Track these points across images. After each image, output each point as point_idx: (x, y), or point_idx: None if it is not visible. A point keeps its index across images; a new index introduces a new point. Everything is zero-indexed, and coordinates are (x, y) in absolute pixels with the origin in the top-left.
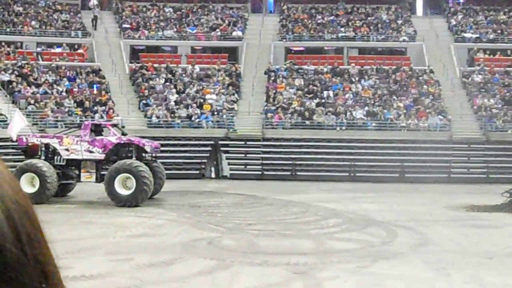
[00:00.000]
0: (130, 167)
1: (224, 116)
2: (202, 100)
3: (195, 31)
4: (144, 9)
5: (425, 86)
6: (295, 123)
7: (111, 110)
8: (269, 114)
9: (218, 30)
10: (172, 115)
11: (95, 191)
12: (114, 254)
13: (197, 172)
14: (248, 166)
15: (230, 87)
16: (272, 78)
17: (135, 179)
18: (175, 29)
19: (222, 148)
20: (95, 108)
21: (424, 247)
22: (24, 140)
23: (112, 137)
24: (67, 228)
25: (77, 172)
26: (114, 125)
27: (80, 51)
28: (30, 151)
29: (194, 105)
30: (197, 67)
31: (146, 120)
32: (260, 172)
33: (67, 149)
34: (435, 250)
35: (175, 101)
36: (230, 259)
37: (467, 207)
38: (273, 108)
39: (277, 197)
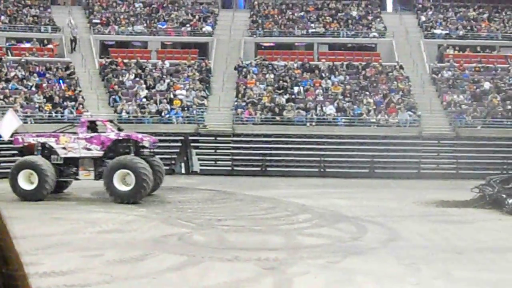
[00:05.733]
0: (129, 163)
1: (194, 111)
2: (172, 96)
3: (165, 26)
4: (114, 4)
5: (395, 82)
6: (265, 119)
7: (81, 106)
8: (239, 110)
9: (188, 25)
10: (142, 110)
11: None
12: (84, 250)
13: (167, 167)
14: (218, 162)
15: (200, 83)
16: (242, 73)
17: (135, 175)
18: (145, 25)
19: (192, 144)
20: (65, 103)
21: (394, 243)
22: (20, 139)
23: (109, 133)
24: (37, 224)
25: (75, 170)
26: (110, 121)
27: (50, 46)
28: (26, 151)
29: (164, 100)
30: (167, 63)
31: (116, 116)
32: (230, 168)
33: (64, 148)
34: (405, 246)
35: (145, 97)
36: (200, 254)
37: (436, 202)
38: (243, 103)
39: (247, 192)
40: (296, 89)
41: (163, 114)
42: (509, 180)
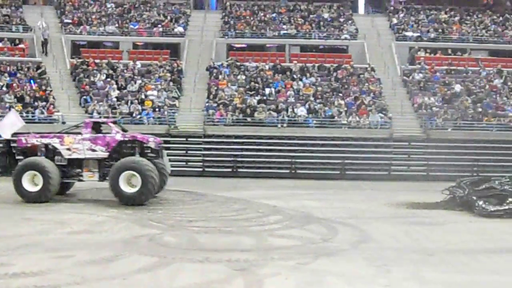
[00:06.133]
0: (136, 164)
1: (166, 112)
2: (143, 96)
3: (137, 27)
4: (86, 4)
5: (366, 84)
6: (237, 120)
7: (52, 106)
8: (211, 111)
9: (160, 26)
10: (113, 111)
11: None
12: (55, 251)
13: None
14: (189, 163)
15: (172, 84)
16: (214, 74)
17: (141, 177)
18: (117, 25)
19: (163, 145)
20: (36, 103)
21: (364, 244)
22: (24, 141)
23: (115, 134)
24: (8, 225)
25: (79, 171)
26: (114, 122)
27: (21, 46)
28: (29, 152)
29: (136, 101)
30: (138, 63)
31: (87, 116)
32: (201, 169)
33: (68, 149)
34: (375, 247)
35: (116, 97)
36: (171, 256)
37: (407, 204)
38: (215, 105)
39: (218, 193)
40: (267, 90)
41: (134, 114)
42: (479, 182)
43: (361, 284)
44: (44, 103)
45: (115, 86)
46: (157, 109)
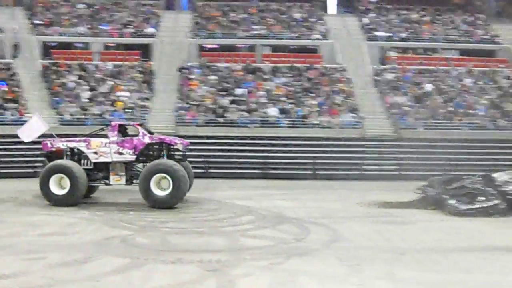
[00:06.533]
0: (168, 167)
1: (137, 113)
2: (114, 98)
3: (108, 27)
4: (57, 5)
5: (337, 84)
6: (208, 121)
7: (23, 108)
8: (182, 112)
9: (131, 27)
10: (85, 112)
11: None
12: (26, 253)
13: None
14: None
15: (143, 84)
16: (185, 75)
17: (173, 180)
18: (88, 26)
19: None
20: (6, 105)
21: (337, 244)
22: (49, 145)
23: (142, 137)
24: None
25: (105, 174)
26: (140, 124)
27: None
28: (54, 156)
29: (107, 102)
30: (109, 64)
31: (59, 118)
32: None
33: (95, 152)
34: (348, 247)
35: (87, 98)
36: (143, 257)
37: (379, 203)
38: (186, 105)
39: (189, 194)
40: (239, 91)
41: (105, 116)
42: (451, 181)
43: (334, 283)
44: (15, 105)
45: (86, 87)
46: (128, 110)
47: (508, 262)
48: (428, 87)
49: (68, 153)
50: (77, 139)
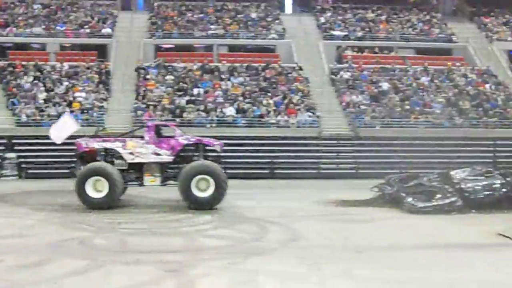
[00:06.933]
0: (209, 168)
1: (94, 114)
2: (71, 98)
3: (64, 28)
4: (12, 5)
5: (294, 83)
6: (165, 121)
7: None
8: (139, 112)
9: (87, 27)
10: (41, 113)
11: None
12: None
13: (67, 171)
14: None
15: (100, 85)
16: (142, 75)
17: (214, 180)
18: (43, 26)
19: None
20: None
21: (295, 243)
22: (84, 145)
23: (179, 137)
24: None
25: (139, 175)
26: (176, 125)
27: None
28: (87, 156)
29: (64, 103)
30: (66, 65)
31: (15, 119)
32: None
33: (131, 153)
34: (306, 245)
35: (44, 99)
36: (102, 258)
37: (337, 202)
38: (143, 105)
39: (148, 195)
40: (196, 90)
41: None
42: (408, 179)
43: (293, 282)
44: None
45: (42, 88)
46: (85, 111)
47: (464, 259)
48: (385, 85)
49: (102, 153)
50: (112, 139)
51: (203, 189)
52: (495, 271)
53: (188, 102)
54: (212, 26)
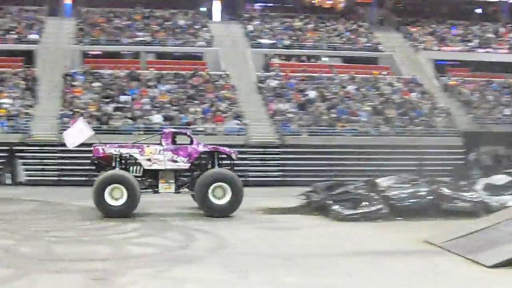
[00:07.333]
0: (226, 176)
1: (20, 120)
2: None
3: None
4: None
5: (221, 91)
6: (92, 128)
7: None
8: (66, 119)
9: (13, 33)
10: None
11: None
12: None
13: None
14: (44, 172)
15: (26, 91)
16: (69, 82)
17: (232, 188)
18: None
19: (17, 154)
20: None
21: (222, 250)
22: (101, 150)
23: (196, 145)
24: None
25: (153, 182)
26: (191, 133)
27: None
28: (103, 162)
29: None
30: None
31: None
32: (57, 178)
33: (149, 159)
34: (233, 253)
35: None
36: (27, 267)
37: (263, 209)
38: (70, 112)
39: (74, 203)
40: (123, 98)
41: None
42: (334, 187)
43: None
44: None
45: None
46: (11, 118)
47: (389, 266)
48: (312, 94)
49: (118, 160)
50: (130, 145)
51: (219, 196)
52: (422, 278)
53: (115, 109)
54: (139, 33)
